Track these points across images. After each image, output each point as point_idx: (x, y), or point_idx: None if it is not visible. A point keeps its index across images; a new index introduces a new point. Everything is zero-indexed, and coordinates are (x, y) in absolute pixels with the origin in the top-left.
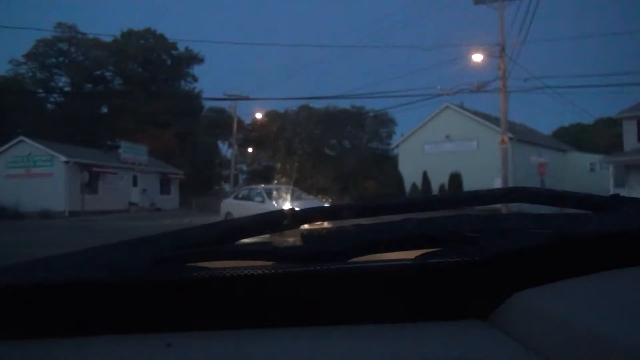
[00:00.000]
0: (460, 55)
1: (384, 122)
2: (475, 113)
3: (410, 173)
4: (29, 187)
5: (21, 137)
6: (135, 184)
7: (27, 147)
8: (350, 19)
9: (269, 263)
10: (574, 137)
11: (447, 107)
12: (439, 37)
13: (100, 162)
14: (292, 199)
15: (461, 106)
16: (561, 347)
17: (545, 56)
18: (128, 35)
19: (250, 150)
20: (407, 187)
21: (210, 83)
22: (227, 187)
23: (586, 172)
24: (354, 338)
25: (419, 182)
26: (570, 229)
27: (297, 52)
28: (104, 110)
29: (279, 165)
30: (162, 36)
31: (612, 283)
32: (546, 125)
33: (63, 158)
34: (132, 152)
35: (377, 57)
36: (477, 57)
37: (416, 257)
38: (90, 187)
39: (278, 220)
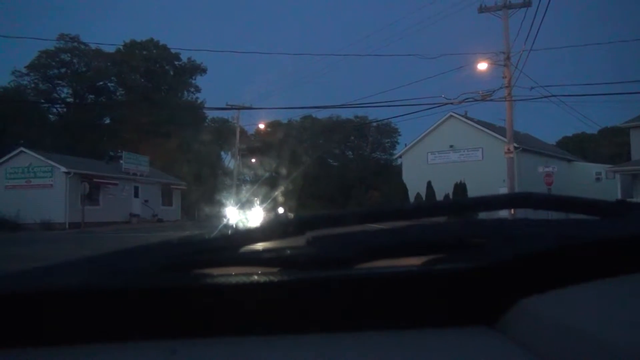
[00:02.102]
0: (465, 64)
1: (387, 132)
2: (480, 122)
3: (414, 183)
4: (29, 198)
5: (21, 148)
6: (136, 194)
7: (27, 157)
8: (354, 27)
9: (275, 269)
10: (578, 147)
11: (451, 116)
12: (443, 46)
13: (101, 172)
14: None
15: (465, 115)
16: (568, 353)
17: (551, 64)
18: (131, 45)
19: (253, 160)
20: (412, 197)
21: (213, 93)
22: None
23: (592, 182)
24: (360, 345)
25: (423, 192)
26: (577, 235)
27: (300, 62)
28: (106, 120)
29: (283, 175)
30: (164, 47)
31: (620, 289)
32: (549, 135)
33: (63, 169)
34: (133, 162)
35: (381, 66)
36: (482, 66)
37: (422, 263)
38: (91, 198)
39: (284, 227)
